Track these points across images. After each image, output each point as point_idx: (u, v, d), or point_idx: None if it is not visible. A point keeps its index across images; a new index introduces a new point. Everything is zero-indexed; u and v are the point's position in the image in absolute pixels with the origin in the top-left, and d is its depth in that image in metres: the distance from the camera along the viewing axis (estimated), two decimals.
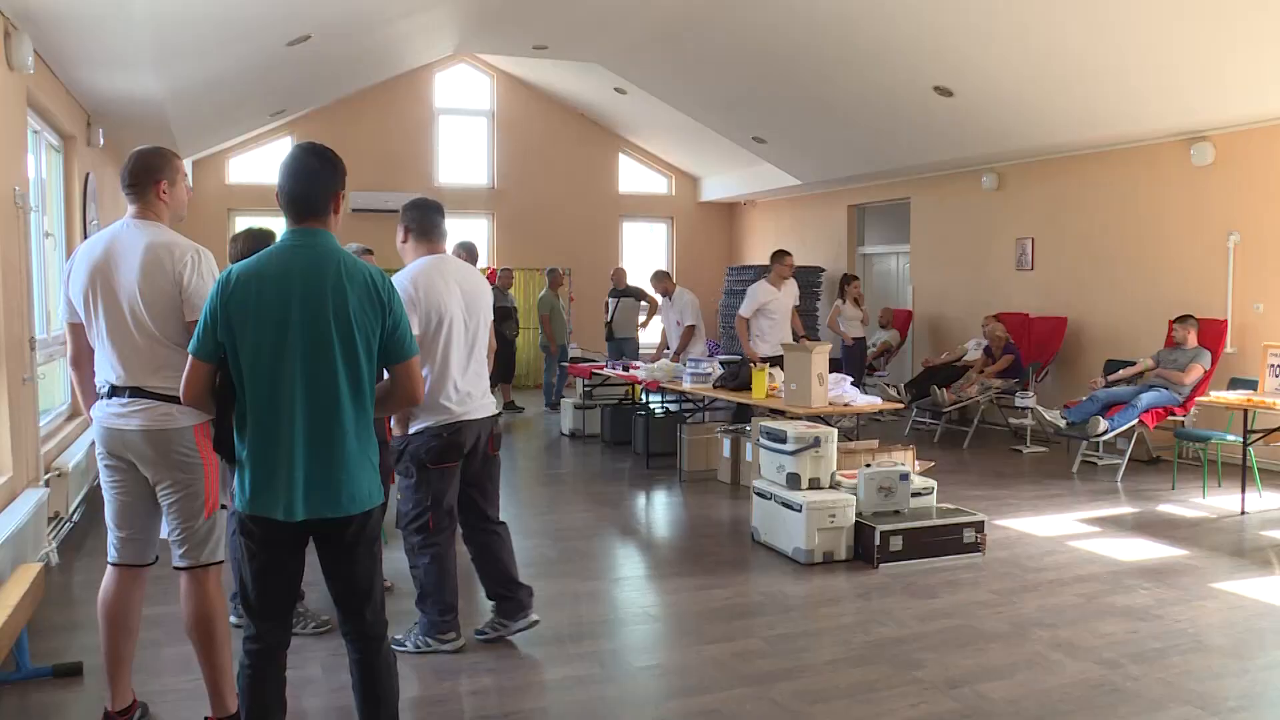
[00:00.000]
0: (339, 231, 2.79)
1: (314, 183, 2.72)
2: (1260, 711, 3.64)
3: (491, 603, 4.35)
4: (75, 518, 6.32)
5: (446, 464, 4.06)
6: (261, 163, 13.73)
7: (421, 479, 4.05)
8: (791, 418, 6.31)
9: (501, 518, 4.40)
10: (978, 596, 4.95)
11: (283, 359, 2.61)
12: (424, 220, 4.12)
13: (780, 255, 8.61)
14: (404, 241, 4.14)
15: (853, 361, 11.31)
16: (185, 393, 2.72)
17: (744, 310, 8.51)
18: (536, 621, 4.33)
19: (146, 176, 3.26)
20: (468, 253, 7.36)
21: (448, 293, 4.02)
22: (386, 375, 2.82)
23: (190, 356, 2.70)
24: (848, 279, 11.95)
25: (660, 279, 10.42)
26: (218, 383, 2.71)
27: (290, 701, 2.86)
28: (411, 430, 4.05)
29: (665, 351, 9.99)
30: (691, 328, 9.79)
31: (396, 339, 2.73)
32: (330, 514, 2.65)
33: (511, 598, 4.29)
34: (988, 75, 8.52)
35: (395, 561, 5.47)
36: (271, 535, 2.67)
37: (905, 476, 5.70)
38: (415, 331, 3.60)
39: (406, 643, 4.15)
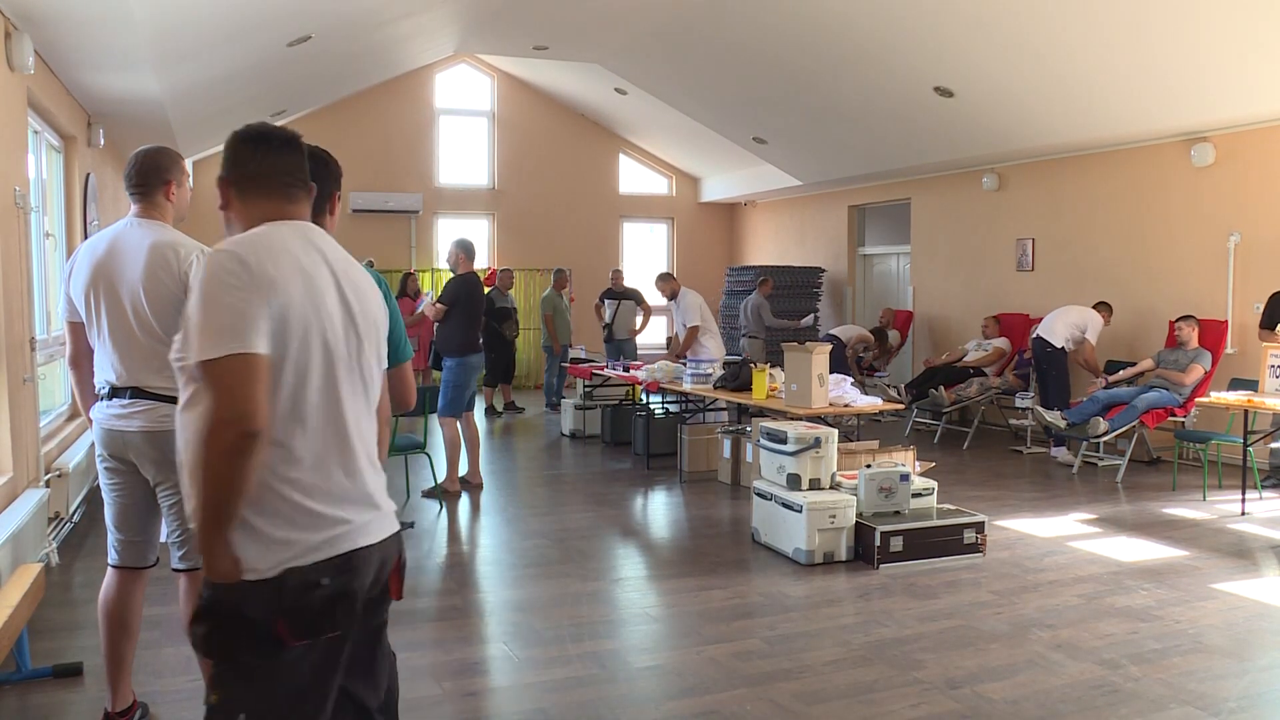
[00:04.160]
0: (335, 233, 2.80)
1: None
2: (1260, 712, 3.63)
3: None
4: (75, 518, 6.32)
5: (323, 634, 1.98)
6: None
7: (252, 672, 1.95)
8: (792, 418, 6.32)
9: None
10: (978, 597, 4.96)
11: None
12: (261, 163, 2.21)
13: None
14: (225, 206, 2.33)
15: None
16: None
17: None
18: None
19: (156, 176, 3.27)
20: (466, 253, 7.31)
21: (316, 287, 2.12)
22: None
23: None
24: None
25: (664, 281, 9.99)
26: None
27: None
28: (245, 566, 1.91)
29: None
30: (695, 328, 9.59)
31: (392, 343, 2.74)
32: None
33: None
34: (988, 75, 8.52)
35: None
36: None
37: (905, 477, 5.71)
38: (224, 349, 1.89)
39: None
